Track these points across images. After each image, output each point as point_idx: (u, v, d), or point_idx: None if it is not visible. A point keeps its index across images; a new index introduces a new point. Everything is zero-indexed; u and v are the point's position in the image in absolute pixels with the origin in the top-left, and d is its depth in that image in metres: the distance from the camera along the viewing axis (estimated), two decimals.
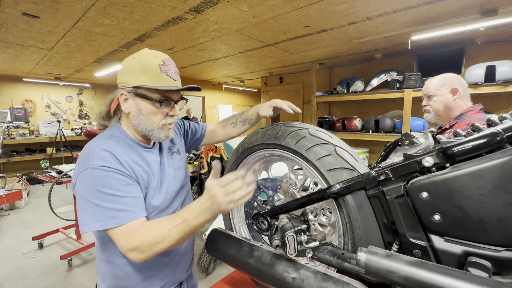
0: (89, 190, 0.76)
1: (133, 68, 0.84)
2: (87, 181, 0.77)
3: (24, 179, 5.09)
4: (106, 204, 0.75)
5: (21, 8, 2.36)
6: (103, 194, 0.75)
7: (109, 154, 0.80)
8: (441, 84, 1.42)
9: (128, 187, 0.80)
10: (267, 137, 0.91)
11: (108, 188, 0.76)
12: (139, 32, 3.03)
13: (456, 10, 2.40)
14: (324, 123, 4.36)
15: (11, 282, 2.50)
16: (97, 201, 0.75)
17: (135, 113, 0.86)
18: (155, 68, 0.82)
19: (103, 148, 0.81)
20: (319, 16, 2.56)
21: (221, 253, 0.89)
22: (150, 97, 0.84)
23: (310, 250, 0.70)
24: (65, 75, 5.79)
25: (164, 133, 0.89)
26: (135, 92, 0.84)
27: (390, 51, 3.79)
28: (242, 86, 7.49)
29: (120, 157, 0.81)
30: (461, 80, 1.43)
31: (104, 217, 0.75)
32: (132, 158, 0.86)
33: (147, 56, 0.85)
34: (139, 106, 0.85)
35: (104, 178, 0.77)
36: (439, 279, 0.46)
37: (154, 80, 0.83)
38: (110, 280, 0.91)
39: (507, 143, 0.52)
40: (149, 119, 0.86)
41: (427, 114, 1.51)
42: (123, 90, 0.86)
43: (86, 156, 0.81)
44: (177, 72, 0.89)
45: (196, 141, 1.21)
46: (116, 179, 0.78)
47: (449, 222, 0.55)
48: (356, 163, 0.74)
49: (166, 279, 0.96)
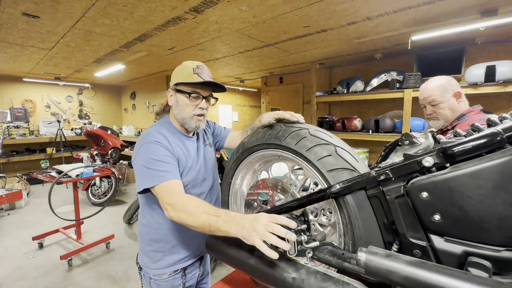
0: (144, 158, 1.00)
1: (177, 72, 1.12)
2: (143, 152, 1.02)
3: (24, 179, 5.09)
4: (154, 167, 0.98)
5: (21, 8, 2.35)
6: (153, 160, 0.99)
7: (161, 135, 1.06)
8: (443, 90, 1.38)
9: (170, 159, 1.03)
10: (268, 137, 0.91)
11: (157, 156, 1.00)
12: (139, 32, 3.02)
13: (456, 10, 2.40)
14: (324, 123, 4.35)
15: (11, 282, 2.50)
16: (149, 165, 0.98)
17: (175, 105, 1.13)
18: (190, 70, 1.08)
19: (157, 130, 1.09)
20: (319, 16, 2.56)
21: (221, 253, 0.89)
22: (183, 91, 1.09)
23: (310, 250, 0.70)
24: (65, 75, 5.79)
25: (194, 123, 1.13)
26: (175, 88, 1.11)
27: (390, 51, 3.79)
28: (242, 86, 7.48)
29: (168, 138, 1.07)
30: (456, 81, 1.42)
31: (152, 176, 0.96)
32: (176, 142, 1.11)
33: (187, 63, 1.11)
34: (178, 99, 1.12)
35: (154, 148, 1.02)
36: (439, 279, 0.46)
37: (187, 78, 1.07)
38: (146, 243, 1.14)
39: (507, 143, 0.52)
40: (183, 109, 1.11)
41: (435, 122, 1.45)
42: (170, 88, 1.14)
43: (144, 135, 1.08)
44: (209, 75, 1.11)
45: (218, 142, 1.39)
46: (163, 151, 1.02)
47: (449, 222, 0.55)
48: (356, 163, 0.74)
49: (190, 250, 1.17)
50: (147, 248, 1.14)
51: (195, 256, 1.20)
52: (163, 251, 1.12)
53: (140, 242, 1.18)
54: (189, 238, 1.15)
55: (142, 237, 1.16)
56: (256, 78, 6.27)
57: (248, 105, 8.97)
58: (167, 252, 1.12)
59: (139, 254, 1.20)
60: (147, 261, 1.14)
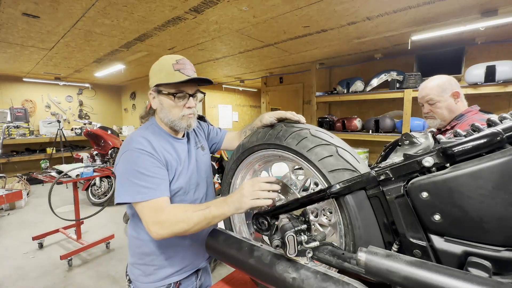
0: (126, 168, 0.91)
1: (154, 70, 1.01)
2: (126, 160, 0.92)
3: (24, 179, 5.09)
4: (136, 181, 0.88)
5: (21, 8, 2.35)
6: (136, 172, 0.89)
7: (145, 140, 0.95)
8: (441, 90, 1.40)
9: (157, 169, 0.93)
10: (268, 137, 0.91)
11: (141, 167, 0.89)
12: (139, 32, 3.02)
13: (456, 10, 2.40)
14: (324, 123, 4.35)
15: (11, 282, 2.50)
16: (130, 177, 0.89)
17: (159, 108, 1.03)
18: (169, 67, 0.97)
19: (141, 135, 0.97)
20: (319, 16, 2.56)
21: (221, 253, 0.89)
22: (167, 92, 0.99)
23: (310, 250, 0.70)
24: (65, 75, 5.79)
25: (185, 122, 1.02)
26: (157, 90, 1.00)
27: (390, 51, 3.79)
28: (242, 86, 7.48)
29: (154, 144, 0.96)
30: (456, 81, 1.43)
31: (134, 192, 0.87)
32: (164, 146, 1.00)
33: (165, 59, 1.00)
34: (161, 101, 1.01)
35: (138, 158, 0.91)
36: (439, 279, 0.46)
37: (168, 77, 0.97)
38: (137, 256, 1.05)
39: (507, 143, 0.52)
40: (170, 111, 1.01)
41: (432, 121, 1.47)
42: (150, 90, 1.03)
43: (127, 141, 0.96)
44: (192, 69, 1.01)
45: (215, 144, 1.32)
46: (148, 160, 0.92)
47: (449, 222, 0.55)
48: (357, 164, 0.74)
49: (185, 262, 1.08)
50: (137, 261, 1.05)
51: (190, 269, 1.11)
52: (155, 264, 1.03)
53: (130, 254, 1.08)
54: (183, 250, 1.06)
55: (132, 250, 1.07)
56: (256, 78, 6.27)
57: (248, 105, 8.97)
58: (159, 266, 1.03)
59: (129, 266, 1.10)
60: (138, 274, 1.05)
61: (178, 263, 1.06)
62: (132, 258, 1.07)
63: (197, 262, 1.12)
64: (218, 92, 7.72)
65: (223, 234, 0.92)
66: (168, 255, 1.03)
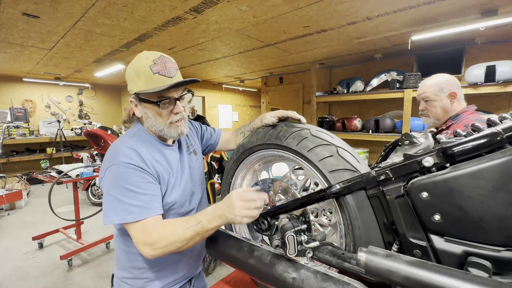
0: (113, 185, 0.81)
1: (132, 75, 0.88)
2: (112, 176, 0.82)
3: (24, 179, 5.09)
4: (125, 199, 0.80)
5: (21, 8, 2.35)
6: (124, 190, 0.80)
7: (133, 151, 0.84)
8: (439, 89, 1.41)
9: (148, 185, 0.83)
10: (268, 137, 0.91)
11: (129, 184, 0.80)
12: (139, 32, 3.02)
13: (456, 10, 2.40)
14: (324, 123, 4.35)
15: (11, 282, 2.50)
16: (118, 195, 0.80)
17: (144, 117, 0.92)
18: (146, 70, 0.84)
19: (128, 146, 0.85)
20: (319, 16, 2.56)
21: (221, 253, 0.89)
22: (150, 101, 0.87)
23: (310, 250, 0.70)
24: (65, 75, 5.78)
25: (174, 130, 0.92)
26: (137, 97, 0.89)
27: (390, 51, 3.79)
28: (242, 86, 7.49)
29: (143, 155, 0.85)
30: (456, 81, 1.43)
31: (123, 211, 0.79)
32: (154, 156, 0.89)
33: (140, 60, 0.87)
34: (145, 110, 0.90)
35: (126, 174, 0.81)
36: (439, 279, 0.46)
37: (148, 82, 0.84)
38: (126, 269, 0.96)
39: (507, 143, 0.52)
40: (156, 120, 0.90)
41: (426, 118, 1.50)
42: (131, 98, 0.91)
43: (112, 152, 0.86)
44: (174, 68, 0.88)
45: (211, 146, 1.24)
46: (137, 176, 0.82)
47: (449, 222, 0.55)
48: (358, 164, 0.74)
49: (178, 274, 1.00)
50: (127, 275, 0.96)
51: (183, 279, 1.03)
52: (146, 277, 0.95)
53: (118, 268, 0.99)
54: (176, 262, 0.99)
55: (121, 263, 0.97)
56: (256, 78, 6.27)
57: (248, 105, 8.97)
58: (150, 279, 0.95)
59: (115, 280, 1.00)
60: None
61: (170, 275, 0.98)
62: (120, 272, 0.98)
63: (191, 272, 1.05)
64: (218, 92, 7.72)
65: (223, 234, 0.92)
66: (160, 268, 0.96)
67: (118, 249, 0.98)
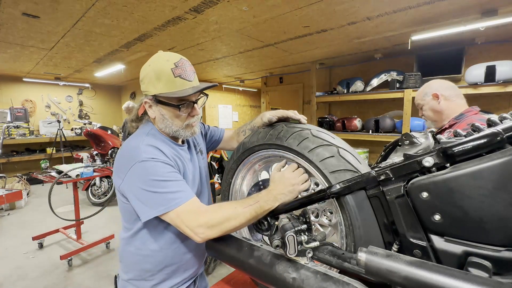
0: (144, 181, 0.81)
1: (149, 76, 0.88)
2: (140, 173, 0.82)
3: (24, 179, 5.09)
4: (162, 190, 0.80)
5: (21, 8, 2.35)
6: (157, 182, 0.80)
7: (153, 148, 0.86)
8: (423, 94, 1.53)
9: (175, 174, 0.85)
10: (269, 137, 0.91)
11: (160, 176, 0.81)
12: (139, 32, 3.02)
13: (456, 10, 2.40)
14: (324, 123, 4.35)
15: (11, 282, 2.50)
16: (154, 189, 0.80)
17: (159, 118, 0.93)
18: (168, 73, 0.86)
19: (147, 143, 0.87)
20: (319, 16, 2.56)
21: (221, 253, 0.88)
22: (169, 103, 0.89)
23: (310, 250, 0.69)
24: (65, 75, 5.78)
25: (189, 131, 0.96)
26: (156, 99, 0.90)
27: (390, 51, 3.79)
28: (242, 86, 7.48)
29: (164, 151, 0.88)
30: (442, 83, 1.50)
31: (165, 200, 0.79)
32: (172, 153, 0.92)
33: (160, 62, 0.88)
34: (162, 111, 0.92)
35: (155, 167, 0.82)
36: (439, 279, 0.46)
37: (169, 85, 0.86)
38: (134, 272, 0.95)
39: (507, 143, 0.52)
40: (173, 122, 0.93)
41: (428, 122, 1.63)
42: (146, 98, 0.92)
43: (131, 152, 0.86)
44: (192, 71, 0.92)
45: (214, 143, 1.26)
46: (165, 168, 0.83)
47: (449, 222, 0.55)
48: (359, 164, 0.74)
49: (186, 274, 1.01)
50: (135, 277, 0.96)
51: (190, 278, 1.04)
52: (155, 279, 0.95)
53: (126, 271, 0.98)
54: (185, 263, 1.00)
55: (130, 267, 0.96)
56: (256, 78, 6.27)
57: (248, 105, 8.96)
58: (159, 280, 0.95)
59: (121, 282, 1.00)
60: None
61: (179, 275, 0.99)
62: (127, 275, 0.97)
63: (197, 270, 1.07)
64: (218, 92, 7.72)
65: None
66: (171, 269, 0.96)
67: (125, 252, 0.97)
